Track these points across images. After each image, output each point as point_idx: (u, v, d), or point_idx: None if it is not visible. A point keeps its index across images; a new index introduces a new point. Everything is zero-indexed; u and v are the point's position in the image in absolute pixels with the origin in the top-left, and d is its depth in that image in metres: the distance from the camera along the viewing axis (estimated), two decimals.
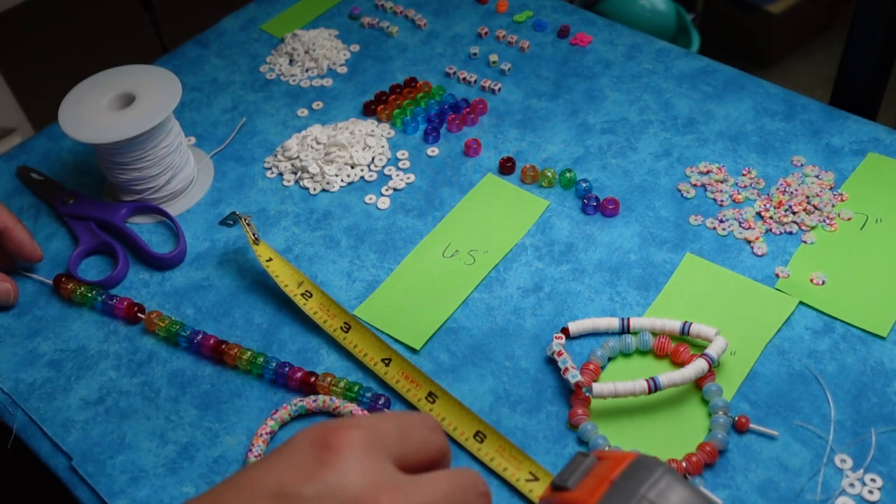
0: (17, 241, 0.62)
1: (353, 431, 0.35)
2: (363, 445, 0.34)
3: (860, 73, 0.76)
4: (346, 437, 0.34)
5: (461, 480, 0.37)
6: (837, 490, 0.47)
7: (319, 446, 0.34)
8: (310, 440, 0.35)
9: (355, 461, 0.34)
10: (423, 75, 0.78)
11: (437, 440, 0.38)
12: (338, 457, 0.34)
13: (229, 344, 0.57)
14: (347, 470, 0.34)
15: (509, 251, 0.62)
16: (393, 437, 0.36)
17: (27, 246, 0.63)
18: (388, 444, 0.36)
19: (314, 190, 0.68)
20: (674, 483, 0.38)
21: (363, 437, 0.35)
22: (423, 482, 0.36)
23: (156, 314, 0.59)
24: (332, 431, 0.35)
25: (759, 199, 0.64)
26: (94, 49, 1.66)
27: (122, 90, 0.66)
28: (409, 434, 0.37)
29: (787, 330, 0.56)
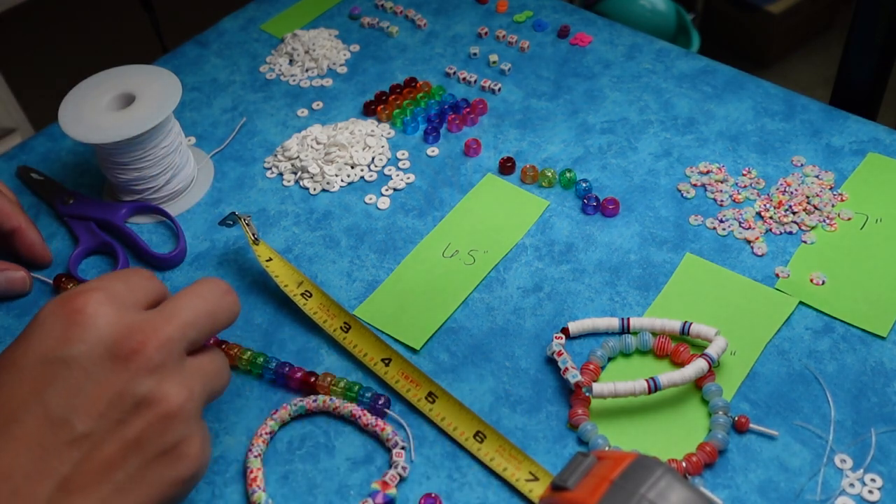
0: (28, 242, 0.63)
1: (90, 293, 0.39)
2: (102, 300, 0.39)
3: (860, 73, 0.76)
4: (87, 298, 0.39)
5: (201, 290, 0.43)
6: (837, 490, 0.48)
7: (66, 313, 0.38)
8: (53, 310, 0.39)
9: (101, 314, 0.38)
10: (423, 75, 0.79)
11: (155, 284, 0.43)
12: (84, 315, 0.38)
13: (229, 344, 0.57)
14: (98, 323, 0.38)
15: (509, 251, 0.62)
16: (124, 291, 0.41)
17: (38, 248, 0.63)
18: (124, 297, 0.40)
19: (314, 190, 0.68)
20: (674, 483, 0.38)
21: (100, 295, 0.39)
22: (167, 307, 0.41)
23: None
24: (71, 298, 0.39)
25: (759, 199, 0.64)
26: (94, 49, 1.66)
27: (122, 90, 0.66)
28: (132, 284, 0.42)
29: (787, 330, 0.56)
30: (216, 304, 0.43)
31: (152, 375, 0.38)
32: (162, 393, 0.38)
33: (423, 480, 0.50)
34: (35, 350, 0.38)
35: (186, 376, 0.40)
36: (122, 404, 0.38)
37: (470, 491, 0.49)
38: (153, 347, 0.39)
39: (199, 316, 0.42)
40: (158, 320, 0.40)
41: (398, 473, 0.50)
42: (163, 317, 0.40)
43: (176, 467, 0.39)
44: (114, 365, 0.38)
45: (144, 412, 0.38)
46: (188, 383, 0.40)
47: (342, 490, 0.50)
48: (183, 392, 0.39)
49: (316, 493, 0.50)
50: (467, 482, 0.50)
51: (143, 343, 0.39)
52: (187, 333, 0.41)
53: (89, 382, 0.37)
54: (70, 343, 0.38)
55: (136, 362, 0.38)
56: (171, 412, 0.39)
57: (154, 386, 0.38)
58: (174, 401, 0.39)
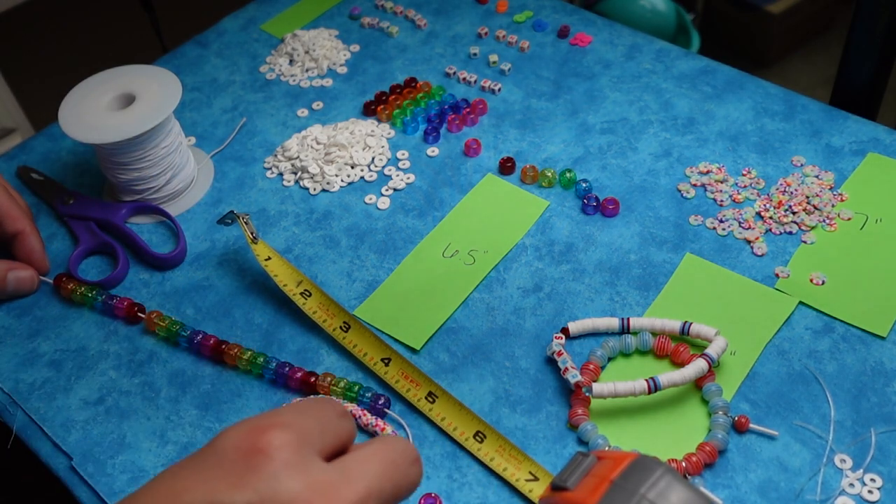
0: (28, 248, 0.63)
1: (280, 433, 0.34)
2: (291, 446, 0.34)
3: (860, 73, 0.76)
4: (274, 439, 0.33)
5: (391, 454, 0.36)
6: (837, 490, 0.48)
7: (247, 451, 0.33)
8: (235, 444, 0.34)
9: (285, 464, 0.33)
10: (423, 75, 0.79)
11: (347, 425, 0.37)
12: (267, 459, 0.33)
13: (229, 344, 0.57)
14: (278, 473, 0.33)
15: (509, 251, 0.62)
16: (315, 432, 0.35)
17: (37, 255, 0.63)
18: (313, 440, 0.35)
19: (314, 190, 0.69)
20: (674, 483, 0.38)
21: (290, 438, 0.34)
22: (352, 468, 0.35)
23: (156, 314, 0.59)
24: (257, 434, 0.34)
25: (758, 199, 0.64)
26: (94, 49, 1.66)
27: (122, 90, 0.66)
28: (326, 426, 0.36)
29: (787, 330, 0.56)
30: (404, 475, 0.36)
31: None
32: None
33: (424, 480, 0.50)
34: (202, 488, 0.33)
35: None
36: None
37: (470, 491, 0.49)
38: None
39: (385, 484, 0.35)
40: (343, 484, 0.34)
41: None
42: (347, 479, 0.34)
43: None
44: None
45: None
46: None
47: None
48: None
49: None
50: (467, 482, 0.50)
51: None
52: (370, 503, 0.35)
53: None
54: (242, 489, 0.32)
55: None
56: None
57: None
58: None
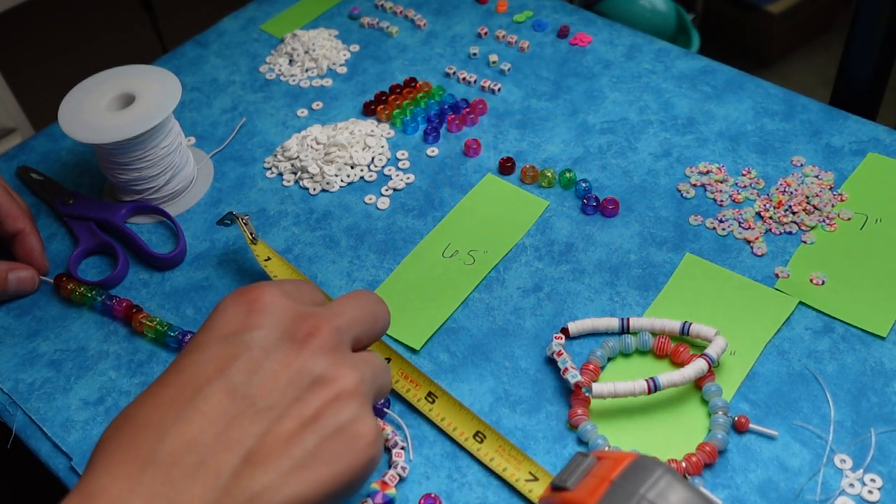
0: (28, 247, 0.63)
1: (266, 287, 0.43)
2: (277, 292, 0.42)
3: (860, 73, 0.76)
4: (263, 290, 0.42)
5: (362, 296, 0.46)
6: (837, 490, 0.48)
7: (245, 301, 0.42)
8: (234, 299, 0.42)
9: (277, 303, 0.42)
10: (423, 75, 0.79)
11: (320, 294, 0.46)
12: (262, 303, 0.42)
13: None
14: (275, 310, 0.41)
15: (509, 251, 0.62)
16: (294, 289, 0.44)
17: (37, 255, 0.64)
18: (294, 293, 0.44)
19: (314, 190, 0.68)
20: (673, 483, 0.38)
21: (275, 289, 0.43)
22: (335, 304, 0.44)
23: (144, 315, 0.59)
24: (249, 290, 0.43)
25: (758, 199, 0.64)
26: (94, 49, 1.66)
27: (122, 90, 0.66)
28: (302, 290, 0.45)
29: (786, 330, 0.56)
30: (377, 309, 0.46)
31: (327, 356, 0.41)
32: (336, 372, 0.41)
33: (423, 480, 0.50)
34: (218, 333, 0.41)
35: (358, 363, 0.42)
36: (300, 381, 0.40)
37: (470, 491, 0.49)
38: (327, 331, 0.41)
39: (364, 316, 0.45)
40: (329, 312, 0.43)
41: (398, 473, 0.50)
42: (332, 310, 0.43)
43: (352, 447, 0.40)
44: (291, 346, 0.41)
45: (320, 390, 0.40)
46: (360, 368, 0.42)
47: None
48: (356, 374, 0.41)
49: None
50: (467, 482, 0.50)
51: (317, 327, 0.41)
52: (353, 328, 0.43)
53: (269, 361, 0.40)
54: (251, 327, 0.41)
55: (312, 344, 0.41)
56: (346, 391, 0.40)
57: (329, 366, 0.41)
58: (348, 381, 0.41)
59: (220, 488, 0.36)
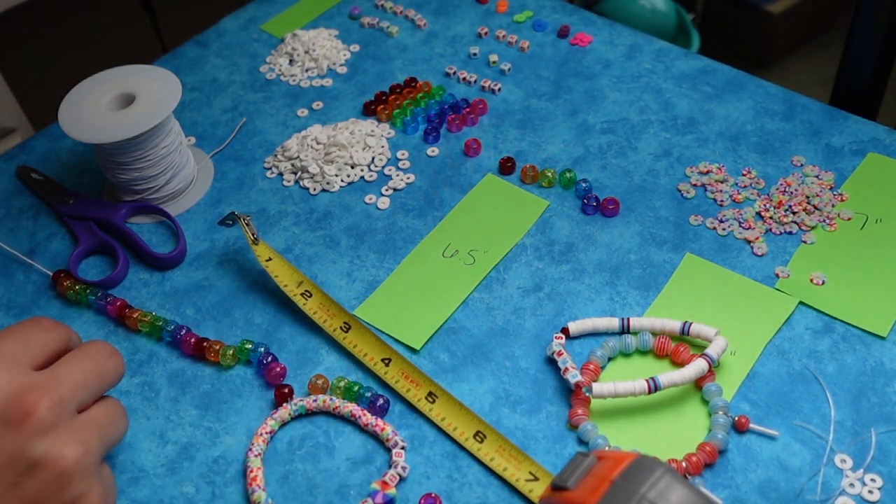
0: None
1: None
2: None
3: (860, 73, 0.76)
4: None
5: (88, 352, 0.43)
6: (837, 490, 0.48)
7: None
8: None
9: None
10: (423, 75, 0.79)
11: (55, 335, 0.43)
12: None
13: (210, 341, 0.57)
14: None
15: (509, 251, 0.62)
16: (17, 349, 0.41)
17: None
18: (17, 356, 0.41)
19: (314, 190, 0.68)
20: (674, 483, 0.38)
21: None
22: (58, 369, 0.41)
23: (138, 312, 0.59)
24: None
25: (759, 199, 0.64)
26: (94, 49, 1.66)
27: (122, 90, 0.66)
28: (29, 340, 0.42)
29: (787, 330, 0.56)
30: (104, 365, 0.44)
31: (46, 436, 0.39)
32: (56, 452, 0.39)
33: (423, 480, 0.50)
34: None
35: (81, 432, 0.41)
36: (16, 467, 0.38)
37: (470, 491, 0.49)
38: (45, 408, 0.39)
39: (89, 376, 0.43)
40: (50, 382, 0.40)
41: (398, 473, 0.50)
42: (54, 378, 0.41)
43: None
44: (6, 429, 0.38)
45: (40, 473, 0.39)
46: (83, 438, 0.40)
47: (342, 490, 0.50)
48: (78, 448, 0.40)
49: (316, 493, 0.50)
50: (467, 482, 0.50)
51: (33, 405, 0.39)
52: (77, 394, 0.42)
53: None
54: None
55: (28, 425, 0.39)
56: (66, 470, 0.39)
57: (48, 447, 0.39)
58: (70, 458, 0.39)
59: None
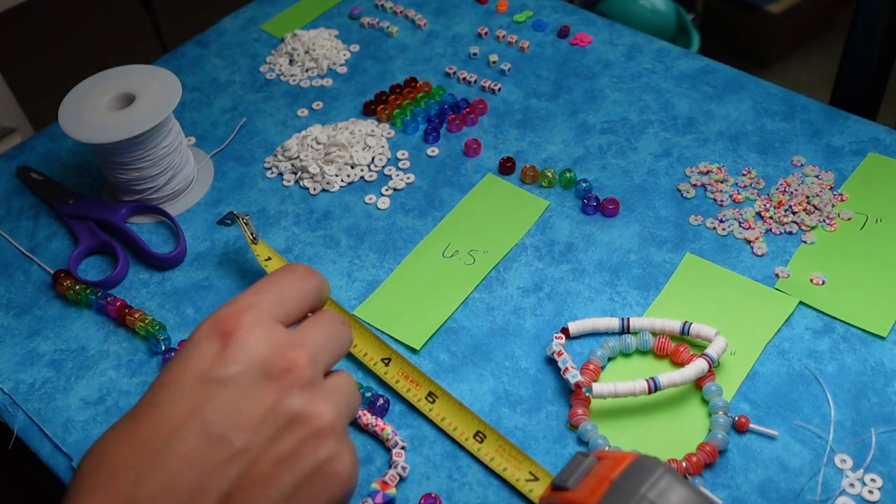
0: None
1: (242, 315, 0.40)
2: (254, 321, 0.40)
3: (860, 73, 0.76)
4: (238, 321, 0.40)
5: (325, 318, 0.44)
6: (837, 490, 0.48)
7: (218, 336, 0.40)
8: (207, 334, 0.40)
9: (252, 336, 0.40)
10: (423, 75, 0.79)
11: (310, 285, 0.44)
12: (237, 338, 0.39)
13: None
14: (249, 344, 0.39)
15: (509, 251, 0.62)
16: (274, 304, 0.42)
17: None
18: (273, 312, 0.41)
19: (314, 190, 0.68)
20: (674, 483, 0.38)
21: (251, 317, 0.40)
22: (305, 331, 0.42)
23: (139, 314, 0.59)
24: (223, 321, 0.40)
25: (759, 199, 0.64)
26: (94, 49, 1.66)
27: (122, 90, 0.66)
28: (285, 295, 0.43)
29: (787, 330, 0.56)
30: (340, 331, 0.45)
31: (304, 392, 0.40)
32: (313, 409, 0.40)
33: (423, 480, 0.50)
34: (193, 370, 0.39)
35: (332, 394, 0.41)
36: (276, 420, 0.39)
37: (470, 491, 0.49)
38: (304, 364, 0.40)
39: (329, 340, 0.43)
40: (302, 341, 0.41)
41: (398, 473, 0.50)
42: (304, 338, 0.42)
43: (329, 486, 0.40)
44: (268, 383, 0.39)
45: (297, 428, 0.39)
46: (336, 400, 0.41)
47: None
48: (332, 409, 0.40)
49: None
50: (467, 482, 0.50)
51: (294, 360, 0.40)
52: (325, 357, 0.43)
53: (245, 400, 0.39)
54: (225, 364, 0.39)
55: (288, 380, 0.40)
56: (323, 428, 0.40)
57: (306, 403, 0.40)
58: (326, 417, 0.40)
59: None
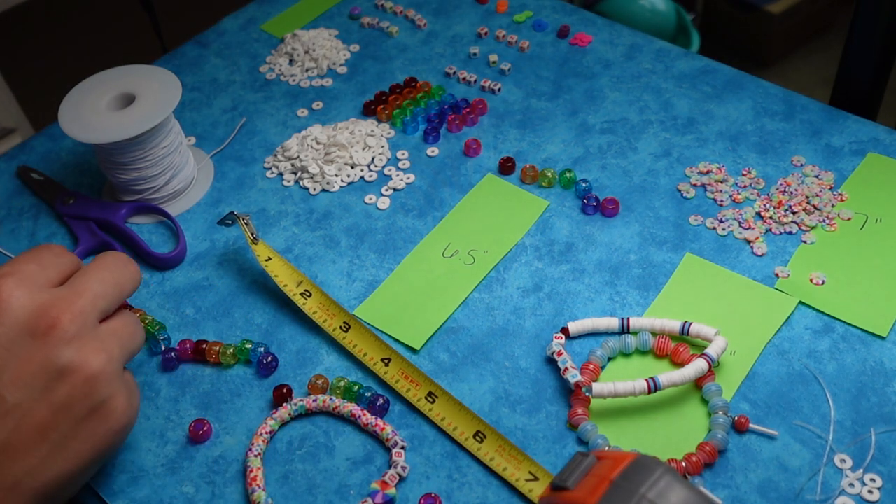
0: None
1: (5, 280, 0.43)
2: (15, 284, 0.43)
3: (860, 73, 0.76)
4: (2, 287, 0.43)
5: (104, 263, 0.47)
6: (837, 490, 0.48)
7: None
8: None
9: (15, 297, 0.43)
10: (423, 75, 0.79)
11: (67, 259, 0.47)
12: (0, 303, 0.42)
13: (209, 342, 0.57)
14: (13, 305, 0.42)
15: (509, 251, 0.62)
16: (35, 271, 0.44)
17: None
18: (34, 276, 0.44)
19: (314, 190, 0.69)
20: (673, 483, 0.38)
21: (12, 280, 0.43)
22: (76, 282, 0.45)
23: (138, 314, 0.59)
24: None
25: (758, 199, 0.64)
26: (94, 49, 1.66)
27: (122, 90, 0.66)
28: (44, 263, 0.45)
29: (786, 330, 0.56)
30: (121, 275, 0.47)
31: (70, 345, 0.43)
32: (82, 359, 0.43)
33: (423, 480, 0.50)
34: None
35: (103, 341, 0.44)
36: (47, 374, 0.42)
37: (470, 491, 0.49)
38: (68, 320, 0.43)
39: (107, 287, 0.46)
40: (70, 295, 0.44)
41: (398, 473, 0.50)
42: (74, 291, 0.44)
43: (106, 421, 0.44)
44: (34, 341, 0.42)
45: (68, 378, 0.42)
46: (106, 347, 0.44)
47: (342, 490, 0.50)
48: (101, 356, 0.43)
49: (316, 493, 0.50)
50: (467, 482, 0.50)
51: (57, 318, 0.43)
52: (98, 304, 0.45)
53: (13, 359, 0.42)
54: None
55: (54, 335, 0.42)
56: (93, 374, 0.43)
57: (73, 354, 0.43)
58: (94, 365, 0.43)
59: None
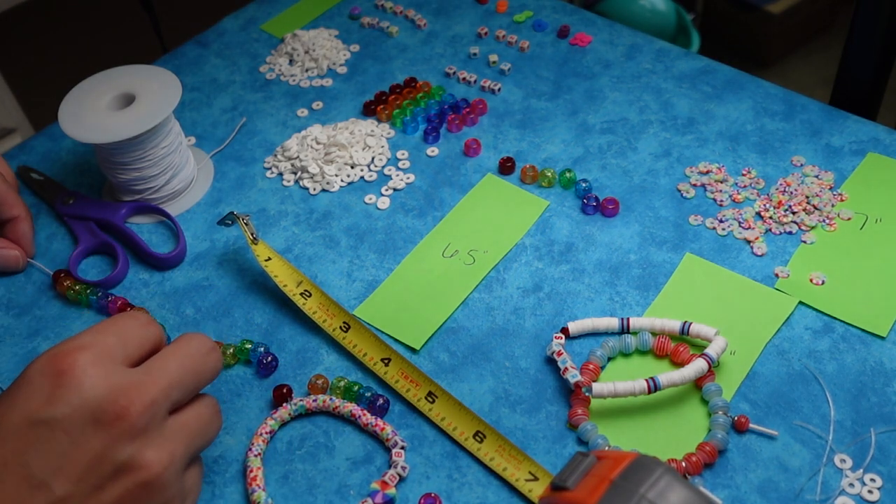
0: (20, 232, 0.64)
1: (79, 353, 0.39)
2: (90, 361, 0.39)
3: (860, 73, 0.76)
4: (74, 359, 0.38)
5: (187, 348, 0.42)
6: (837, 490, 0.48)
7: (51, 374, 0.38)
8: (40, 370, 0.38)
9: (87, 377, 0.38)
10: (423, 75, 0.79)
11: (152, 332, 0.43)
12: (70, 377, 0.38)
13: None
14: (83, 386, 0.38)
15: (509, 251, 0.62)
16: (115, 346, 0.40)
17: (27, 240, 0.64)
18: (113, 353, 0.40)
19: (314, 190, 0.69)
20: (673, 483, 0.38)
21: (89, 356, 0.39)
22: (153, 366, 0.41)
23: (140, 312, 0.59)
24: (59, 358, 0.39)
25: (758, 199, 0.64)
26: (94, 49, 1.66)
27: (122, 90, 0.66)
28: (127, 337, 0.42)
29: (786, 330, 0.56)
30: (202, 363, 0.43)
31: (134, 441, 0.39)
32: (142, 459, 0.39)
33: (423, 480, 0.50)
34: (20, 410, 0.38)
35: (168, 439, 0.40)
36: (102, 469, 0.38)
37: (470, 491, 0.49)
38: (137, 412, 0.39)
39: (185, 375, 0.42)
40: (145, 382, 0.40)
41: (398, 473, 0.50)
42: (150, 378, 0.40)
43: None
44: (96, 429, 0.38)
45: (123, 479, 0.38)
46: (170, 447, 0.40)
47: (342, 490, 0.50)
48: (164, 457, 0.39)
49: (316, 493, 0.50)
50: (467, 482, 0.50)
51: (126, 408, 0.38)
52: (171, 394, 0.41)
53: (71, 446, 0.38)
54: (55, 405, 0.38)
55: (119, 427, 0.38)
56: (150, 480, 0.39)
57: (135, 452, 0.38)
58: (154, 468, 0.39)
59: None
